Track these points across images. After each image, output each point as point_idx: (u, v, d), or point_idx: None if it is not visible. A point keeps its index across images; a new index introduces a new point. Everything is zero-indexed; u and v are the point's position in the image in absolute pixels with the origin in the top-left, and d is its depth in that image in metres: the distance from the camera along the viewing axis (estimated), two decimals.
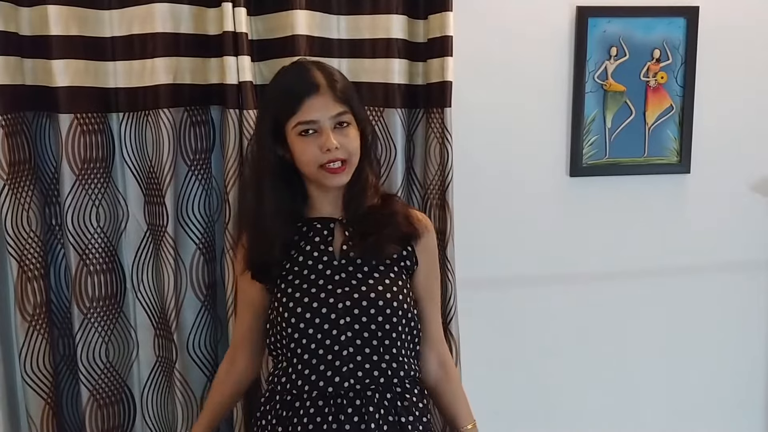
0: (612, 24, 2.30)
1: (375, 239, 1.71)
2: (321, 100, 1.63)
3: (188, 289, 2.11)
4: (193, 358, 2.13)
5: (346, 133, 1.66)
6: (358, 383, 1.66)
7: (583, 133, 2.34)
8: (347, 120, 1.66)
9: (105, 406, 2.15)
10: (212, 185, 2.14)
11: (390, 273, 1.72)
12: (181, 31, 2.04)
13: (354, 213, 1.73)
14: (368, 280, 1.69)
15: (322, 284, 1.68)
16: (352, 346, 1.66)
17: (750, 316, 2.57)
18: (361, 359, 1.66)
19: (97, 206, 2.07)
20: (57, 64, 1.95)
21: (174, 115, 2.05)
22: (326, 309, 1.66)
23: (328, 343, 1.66)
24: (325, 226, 1.74)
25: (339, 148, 1.63)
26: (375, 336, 1.67)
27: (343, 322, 1.66)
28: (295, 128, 1.64)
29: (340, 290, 1.68)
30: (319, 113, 1.63)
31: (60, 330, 2.12)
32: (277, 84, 1.74)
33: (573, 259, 2.42)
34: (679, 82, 2.36)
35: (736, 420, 2.61)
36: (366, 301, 1.67)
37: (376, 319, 1.66)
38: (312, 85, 1.63)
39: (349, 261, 1.71)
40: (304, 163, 1.66)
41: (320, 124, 1.63)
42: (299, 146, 1.65)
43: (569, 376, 2.47)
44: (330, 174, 1.65)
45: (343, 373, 1.65)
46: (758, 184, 2.49)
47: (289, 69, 1.74)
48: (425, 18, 2.15)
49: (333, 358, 1.66)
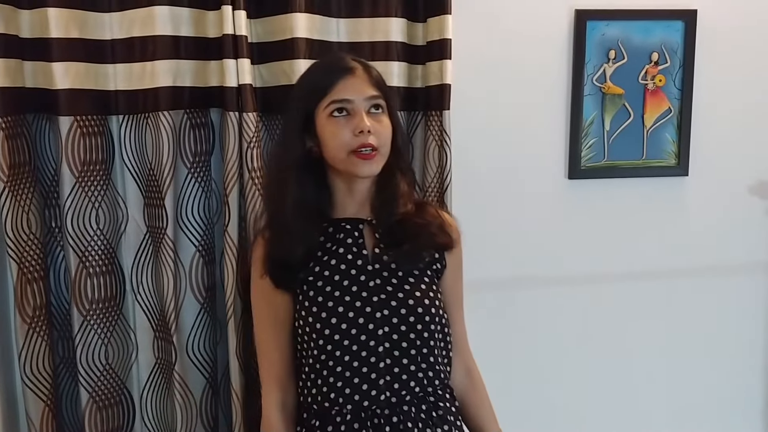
0: (610, 27, 2.31)
1: (410, 248, 1.63)
2: (356, 81, 1.55)
3: (188, 291, 2.11)
4: (192, 361, 2.13)
5: (380, 119, 1.57)
6: (394, 396, 1.57)
7: (581, 136, 2.34)
8: (381, 105, 1.57)
9: (104, 408, 2.15)
10: (212, 188, 2.14)
11: (424, 277, 1.63)
12: (181, 34, 2.04)
13: (386, 220, 1.64)
14: (404, 285, 1.60)
15: (356, 291, 1.58)
16: (389, 357, 1.56)
17: (748, 318, 2.57)
18: (399, 370, 1.57)
19: (97, 208, 2.07)
20: (57, 66, 1.95)
21: (174, 118, 2.05)
22: (363, 319, 1.56)
23: (364, 355, 1.55)
24: (355, 227, 1.64)
25: (372, 133, 1.53)
26: (414, 345, 1.58)
27: (381, 333, 1.56)
28: (326, 109, 1.55)
29: (376, 298, 1.58)
30: (354, 93, 1.54)
31: (59, 332, 2.13)
32: (309, 72, 1.67)
33: (571, 261, 2.43)
34: (678, 85, 2.37)
35: (735, 420, 2.62)
36: (405, 309, 1.57)
37: (416, 327, 1.57)
38: (346, 67, 1.56)
39: (383, 266, 1.62)
40: (334, 147, 1.55)
41: (354, 105, 1.54)
42: (330, 129, 1.55)
43: (566, 378, 2.47)
44: (360, 160, 1.54)
45: (379, 386, 1.56)
46: (756, 186, 2.50)
47: (322, 60, 1.69)
48: (424, 21, 2.16)
49: (369, 370, 1.56)
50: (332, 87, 1.54)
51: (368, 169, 1.55)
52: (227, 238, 2.07)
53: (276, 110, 2.12)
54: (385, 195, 1.63)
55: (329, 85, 1.54)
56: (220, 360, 2.19)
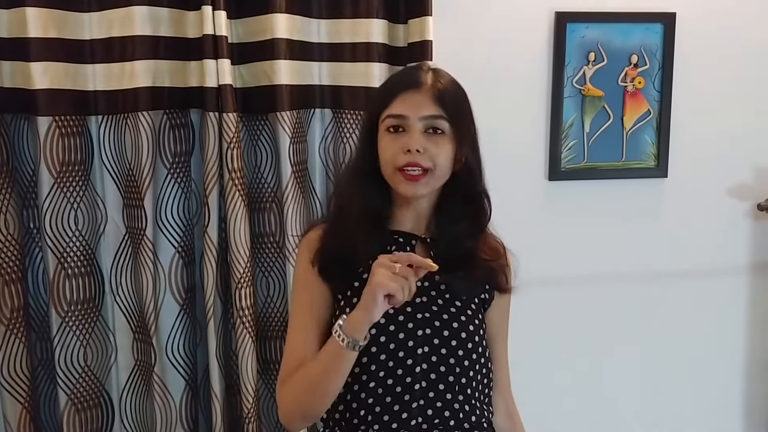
0: (590, 29, 2.32)
1: (466, 277, 1.53)
2: (418, 97, 1.46)
3: (167, 292, 2.10)
4: (171, 362, 2.12)
5: (437, 142, 1.46)
6: (426, 422, 1.46)
7: (561, 138, 2.35)
8: (442, 127, 1.46)
9: (83, 410, 2.13)
10: (191, 188, 2.13)
11: (471, 304, 1.53)
12: (160, 34, 2.04)
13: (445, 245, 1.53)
14: (450, 308, 1.50)
15: (402, 306, 1.42)
16: (425, 380, 1.46)
17: (726, 319, 2.59)
18: (434, 396, 1.46)
19: (76, 209, 2.06)
20: (36, 66, 1.94)
21: (153, 118, 2.04)
22: (403, 334, 1.46)
23: (399, 373, 1.45)
24: (407, 242, 1.54)
25: (422, 153, 1.44)
26: (452, 371, 1.47)
27: (420, 352, 1.46)
28: (384, 122, 1.48)
29: (420, 315, 1.48)
30: (411, 109, 1.45)
31: (38, 334, 2.11)
32: (386, 80, 1.61)
33: (550, 262, 2.43)
34: (657, 87, 2.39)
35: (715, 422, 2.63)
36: (447, 331, 1.47)
37: (456, 352, 1.47)
38: (414, 81, 1.48)
39: (432, 285, 1.51)
40: (384, 162, 1.48)
41: (409, 122, 1.45)
42: (383, 143, 1.48)
43: (541, 379, 2.46)
44: (404, 180, 1.45)
45: (412, 410, 1.45)
46: (735, 188, 2.52)
47: (405, 68, 1.60)
48: (405, 22, 2.16)
49: (403, 390, 1.45)
50: (393, 100, 1.47)
51: (411, 189, 1.47)
52: (207, 239, 2.06)
53: (256, 110, 2.12)
54: (443, 219, 1.55)
55: (391, 98, 1.47)
56: (200, 361, 2.18)
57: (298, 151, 2.14)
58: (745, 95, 2.47)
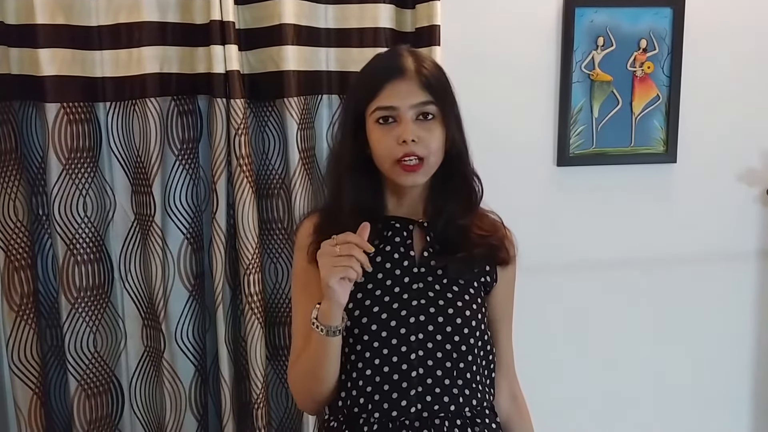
0: (599, 14, 2.31)
1: (465, 257, 1.52)
2: (404, 86, 1.45)
3: (176, 278, 2.10)
4: (181, 348, 2.12)
5: (429, 128, 1.46)
6: (426, 410, 1.46)
7: (570, 123, 2.34)
8: (432, 112, 1.46)
9: (93, 396, 2.15)
10: (200, 175, 2.13)
11: (470, 288, 1.53)
12: (167, 20, 2.03)
13: (441, 227, 1.54)
14: (447, 293, 1.50)
15: (397, 292, 1.48)
16: (422, 367, 1.46)
17: (735, 304, 2.58)
18: (432, 382, 1.46)
19: (84, 196, 2.07)
20: (43, 53, 1.94)
21: (161, 105, 2.04)
22: (395, 321, 1.46)
23: (395, 361, 1.46)
24: (404, 227, 1.54)
25: (417, 142, 1.43)
26: (449, 357, 1.47)
27: (414, 339, 1.46)
28: (372, 114, 1.46)
29: (415, 302, 1.48)
30: (400, 99, 1.44)
31: (47, 320, 2.12)
32: (364, 68, 1.57)
33: (559, 248, 2.43)
34: (666, 72, 2.37)
35: (723, 407, 2.63)
36: (442, 317, 1.47)
37: (452, 338, 1.47)
38: (397, 69, 1.46)
39: (429, 270, 1.51)
40: (379, 155, 1.47)
41: (399, 112, 1.44)
42: (375, 136, 1.47)
43: (552, 365, 2.47)
44: (404, 172, 1.45)
45: (410, 397, 1.46)
46: (744, 174, 2.51)
47: (381, 54, 1.60)
48: (413, 7, 2.15)
49: (399, 378, 1.46)
50: (380, 91, 1.45)
51: (411, 179, 1.48)
52: (215, 226, 2.06)
53: (264, 97, 2.11)
54: (438, 202, 1.55)
55: (377, 89, 1.45)
56: (209, 347, 2.19)
57: (305, 137, 2.14)
58: (755, 80, 2.46)
